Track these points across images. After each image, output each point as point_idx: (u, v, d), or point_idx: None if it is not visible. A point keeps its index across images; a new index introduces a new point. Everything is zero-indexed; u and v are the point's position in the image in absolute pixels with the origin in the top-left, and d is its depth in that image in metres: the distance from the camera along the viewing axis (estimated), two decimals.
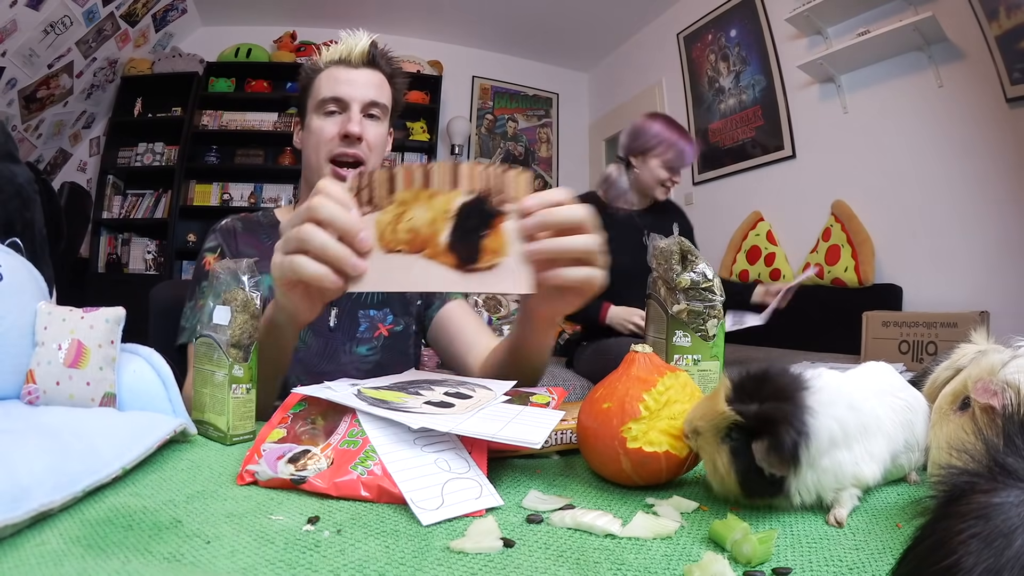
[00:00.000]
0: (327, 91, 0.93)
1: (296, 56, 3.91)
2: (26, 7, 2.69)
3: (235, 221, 0.99)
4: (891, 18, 2.33)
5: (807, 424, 0.37)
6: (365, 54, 0.95)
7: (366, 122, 0.93)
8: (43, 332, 0.54)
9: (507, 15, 3.94)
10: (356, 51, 0.94)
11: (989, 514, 0.21)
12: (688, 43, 3.57)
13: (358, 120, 0.91)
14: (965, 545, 0.21)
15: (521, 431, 0.44)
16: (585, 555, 0.33)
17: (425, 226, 0.53)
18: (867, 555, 0.33)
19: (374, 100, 0.94)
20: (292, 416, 0.49)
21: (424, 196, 0.54)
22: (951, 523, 0.22)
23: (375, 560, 0.31)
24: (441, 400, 0.52)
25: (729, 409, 0.38)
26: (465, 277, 0.53)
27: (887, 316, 2.01)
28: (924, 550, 0.23)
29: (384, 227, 0.54)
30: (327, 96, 0.92)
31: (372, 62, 0.96)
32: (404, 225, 0.53)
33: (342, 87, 0.92)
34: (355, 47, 0.94)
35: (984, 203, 2.11)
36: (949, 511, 0.23)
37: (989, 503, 0.22)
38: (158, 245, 3.85)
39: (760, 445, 0.37)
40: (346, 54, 0.94)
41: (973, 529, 0.21)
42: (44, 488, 0.34)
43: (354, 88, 0.93)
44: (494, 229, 0.53)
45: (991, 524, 0.21)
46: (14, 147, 0.64)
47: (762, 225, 2.99)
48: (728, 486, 0.39)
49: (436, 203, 0.54)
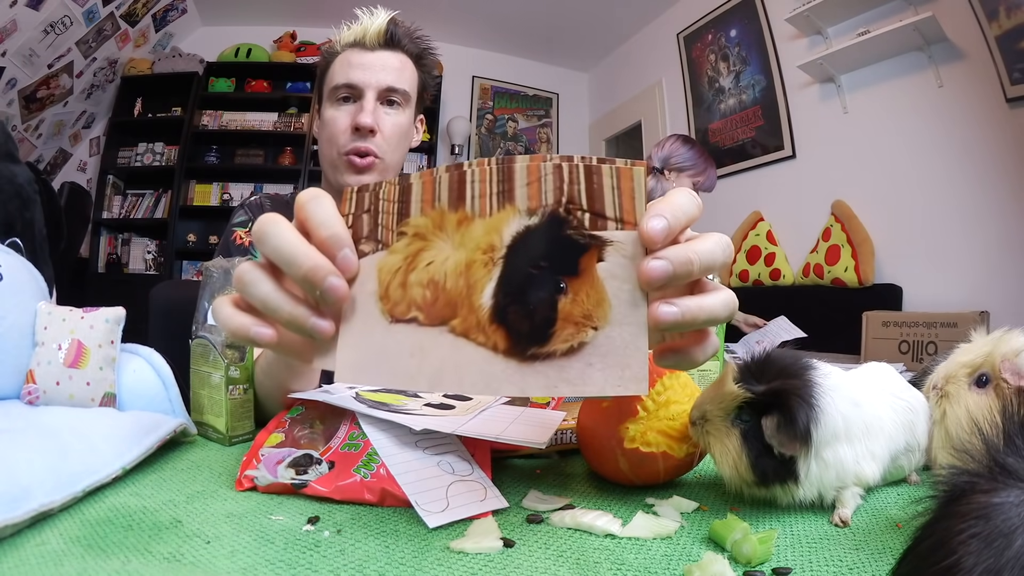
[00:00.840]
0: (339, 77, 0.84)
1: (296, 56, 3.91)
2: (26, 7, 2.69)
3: (263, 198, 0.94)
4: (891, 18, 2.33)
5: (817, 399, 0.37)
6: (382, 34, 0.85)
7: (382, 111, 0.84)
8: (43, 332, 0.54)
9: (507, 15, 3.94)
10: (371, 31, 0.85)
11: (989, 514, 0.21)
12: (688, 43, 3.57)
13: (371, 109, 0.82)
14: (965, 545, 0.21)
15: (525, 431, 0.44)
16: (585, 555, 0.33)
17: (454, 276, 0.32)
18: (867, 555, 0.33)
19: (391, 86, 0.84)
20: (289, 420, 0.49)
21: (453, 222, 0.32)
22: (951, 523, 0.22)
23: (375, 560, 0.31)
24: (441, 402, 0.52)
25: (738, 388, 0.39)
26: (524, 370, 0.31)
27: (887, 316, 2.01)
28: (924, 550, 0.23)
29: (388, 278, 0.33)
30: (339, 83, 0.84)
31: (392, 42, 0.86)
32: (420, 274, 0.32)
33: (355, 72, 0.83)
34: (370, 27, 0.85)
35: (984, 203, 2.11)
36: (949, 511, 0.23)
37: (989, 503, 0.22)
38: (158, 245, 3.86)
39: (771, 421, 0.37)
40: (361, 35, 0.85)
41: (973, 529, 0.21)
42: (44, 488, 0.34)
43: (368, 73, 0.83)
44: (581, 278, 0.30)
45: (991, 524, 0.21)
46: (14, 147, 0.64)
47: (762, 225, 2.99)
48: (740, 472, 0.39)
49: (473, 234, 0.31)
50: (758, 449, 0.38)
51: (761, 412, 0.38)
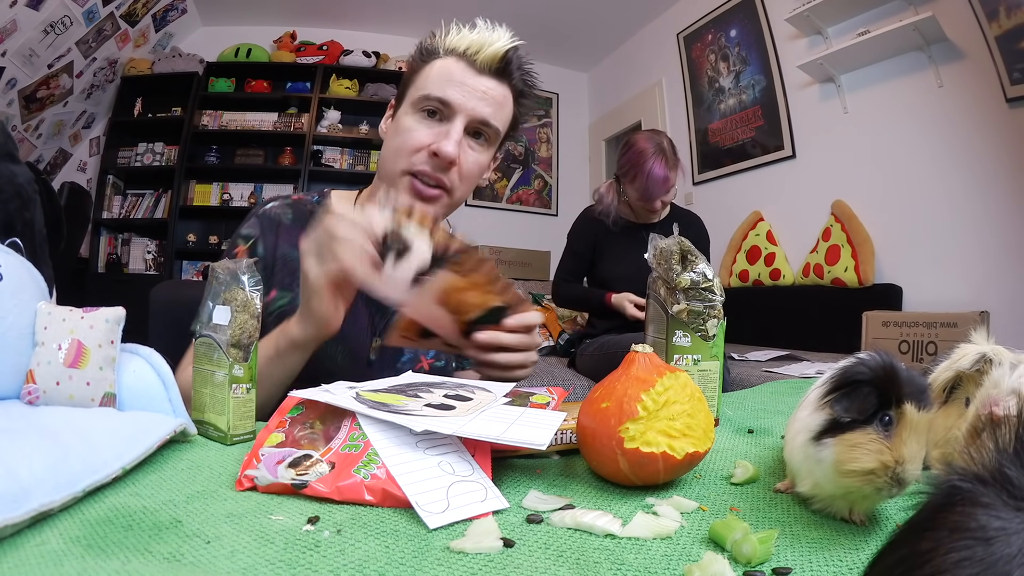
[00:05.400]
0: (435, 88, 0.75)
1: (296, 56, 3.91)
2: (26, 7, 2.69)
3: (284, 208, 0.84)
4: (891, 18, 2.33)
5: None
6: (497, 59, 0.76)
7: (466, 143, 0.76)
8: (43, 332, 0.54)
9: (507, 15, 3.90)
10: (487, 51, 0.76)
11: (990, 537, 0.19)
12: (688, 43, 3.57)
13: (457, 140, 0.74)
14: (959, 567, 0.19)
15: (526, 432, 0.44)
16: (585, 555, 0.33)
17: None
18: (867, 555, 0.33)
19: (486, 120, 0.76)
20: (290, 420, 0.49)
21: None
22: (942, 535, 0.20)
23: (375, 560, 0.31)
24: (441, 403, 0.52)
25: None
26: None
27: (887, 316, 2.01)
28: (909, 556, 0.21)
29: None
30: (433, 94, 0.75)
31: (503, 71, 0.77)
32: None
33: (453, 90, 0.74)
34: (487, 45, 0.76)
35: (984, 203, 2.11)
36: (942, 519, 0.21)
37: (990, 525, 0.20)
38: (158, 245, 3.85)
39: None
40: (475, 50, 0.76)
41: (969, 552, 0.19)
42: (44, 488, 0.34)
43: (468, 96, 0.75)
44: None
45: (991, 550, 0.19)
46: (14, 147, 0.64)
47: (762, 225, 2.99)
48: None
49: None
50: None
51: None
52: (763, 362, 2.14)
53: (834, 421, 0.37)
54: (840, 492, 0.37)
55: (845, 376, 0.38)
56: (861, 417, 0.36)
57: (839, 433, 0.36)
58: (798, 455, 0.40)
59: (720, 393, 0.67)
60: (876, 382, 0.36)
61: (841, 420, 0.37)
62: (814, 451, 0.38)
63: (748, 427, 0.65)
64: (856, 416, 0.36)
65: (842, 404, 0.36)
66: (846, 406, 0.36)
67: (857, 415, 0.36)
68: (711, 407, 0.58)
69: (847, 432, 0.36)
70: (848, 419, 0.36)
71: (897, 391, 0.35)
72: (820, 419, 0.38)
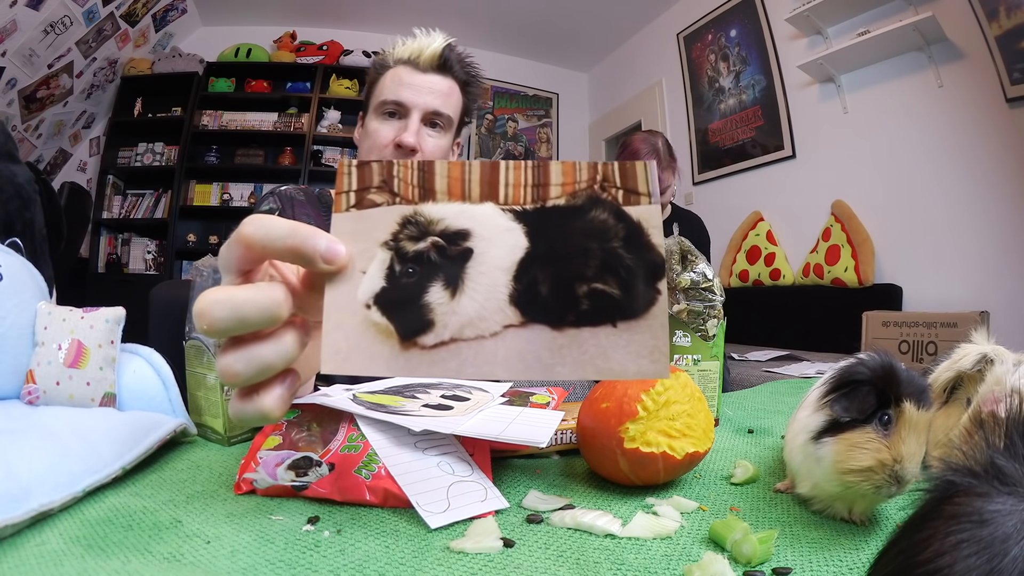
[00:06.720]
0: (389, 93, 0.87)
1: (296, 56, 3.91)
2: (26, 7, 2.69)
3: (295, 190, 0.95)
4: (891, 18, 2.33)
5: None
6: (436, 57, 0.88)
7: (425, 132, 0.88)
8: (43, 332, 0.54)
9: (507, 15, 3.94)
10: (426, 53, 0.88)
11: (985, 520, 0.21)
12: (688, 43, 3.57)
13: (415, 130, 0.86)
14: (957, 549, 0.20)
15: (525, 431, 0.44)
16: (585, 555, 0.33)
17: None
18: (867, 555, 0.33)
19: (437, 110, 0.88)
20: (287, 423, 0.49)
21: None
22: (940, 523, 0.21)
23: (375, 560, 0.31)
24: (439, 403, 0.52)
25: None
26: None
27: (887, 316, 2.01)
28: (911, 545, 0.22)
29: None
30: (388, 98, 0.87)
31: (444, 67, 0.89)
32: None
33: (404, 91, 0.87)
34: (425, 49, 0.88)
35: (984, 203, 2.11)
36: (940, 510, 0.22)
37: (984, 508, 0.21)
38: (158, 245, 3.86)
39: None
40: (416, 55, 0.88)
41: (966, 533, 0.20)
42: (44, 488, 0.34)
43: (417, 94, 0.87)
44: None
45: (987, 530, 0.20)
46: (14, 147, 0.64)
47: (762, 225, 2.99)
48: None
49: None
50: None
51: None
52: (763, 362, 2.14)
53: (834, 421, 0.37)
54: (839, 491, 0.37)
55: (844, 376, 0.38)
56: (860, 417, 0.36)
57: (838, 433, 0.36)
58: (798, 455, 0.40)
59: (720, 393, 0.67)
60: (875, 381, 0.36)
61: (840, 420, 0.37)
62: (813, 451, 0.38)
63: (748, 427, 0.65)
64: (855, 416, 0.36)
65: (841, 404, 0.37)
66: (845, 406, 0.36)
67: (856, 415, 0.36)
68: (711, 407, 0.58)
69: (846, 432, 0.36)
70: (847, 419, 0.36)
71: (896, 390, 0.36)
72: (820, 419, 0.38)
